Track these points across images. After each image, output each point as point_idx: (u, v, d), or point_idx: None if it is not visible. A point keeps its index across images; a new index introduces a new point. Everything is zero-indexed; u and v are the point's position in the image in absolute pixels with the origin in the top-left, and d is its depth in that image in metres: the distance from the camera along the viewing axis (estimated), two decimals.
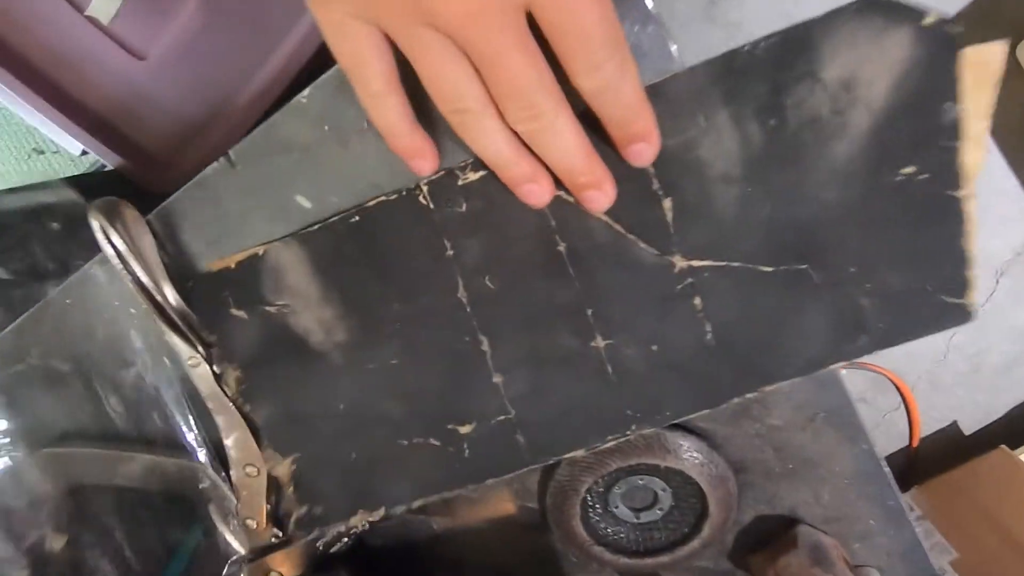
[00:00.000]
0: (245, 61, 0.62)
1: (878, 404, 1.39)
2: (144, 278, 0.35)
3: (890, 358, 1.33)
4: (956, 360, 1.39)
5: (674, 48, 0.31)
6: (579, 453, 0.36)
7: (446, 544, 0.46)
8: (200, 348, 0.37)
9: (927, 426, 1.44)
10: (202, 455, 0.41)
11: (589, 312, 0.34)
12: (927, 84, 0.29)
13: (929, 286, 0.31)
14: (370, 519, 0.38)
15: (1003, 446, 1.22)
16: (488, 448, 0.36)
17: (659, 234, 0.33)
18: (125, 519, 0.39)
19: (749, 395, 0.34)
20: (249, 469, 0.41)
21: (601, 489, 0.42)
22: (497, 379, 0.35)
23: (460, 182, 0.32)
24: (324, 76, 0.32)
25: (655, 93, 0.30)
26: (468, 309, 0.34)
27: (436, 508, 0.45)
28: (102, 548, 0.38)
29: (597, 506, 0.42)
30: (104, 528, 0.38)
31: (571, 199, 0.32)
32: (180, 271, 0.36)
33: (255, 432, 0.37)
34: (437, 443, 0.36)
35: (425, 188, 0.33)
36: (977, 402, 1.40)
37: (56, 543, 0.41)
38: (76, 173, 0.89)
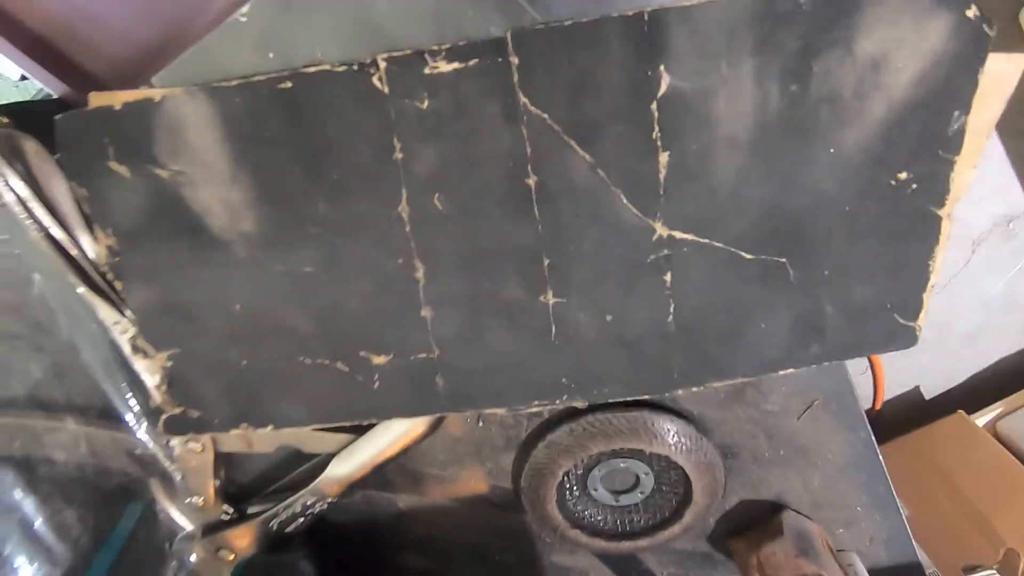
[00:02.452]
0: None
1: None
2: (54, 229, 0.30)
3: None
4: (925, 327, 1.40)
5: None
6: (500, 411, 0.33)
7: (413, 522, 0.43)
8: (128, 311, 0.32)
9: (890, 390, 1.47)
10: (139, 427, 0.37)
11: (546, 262, 0.30)
12: (947, 85, 0.27)
13: (889, 303, 0.31)
14: (253, 433, 0.34)
15: (961, 411, 1.25)
16: (401, 384, 0.32)
17: (647, 192, 0.29)
18: (44, 496, 0.34)
19: (694, 388, 0.33)
20: (193, 445, 0.37)
21: (580, 472, 0.39)
22: (426, 312, 0.31)
23: (428, 70, 0.27)
24: None
25: (685, 18, 0.26)
26: (408, 228, 0.29)
27: (402, 485, 0.42)
28: (15, 528, 0.34)
29: (575, 488, 0.40)
30: (16, 506, 0.34)
31: (557, 127, 0.27)
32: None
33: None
34: (345, 368, 0.32)
35: (383, 66, 0.27)
36: (940, 368, 1.43)
37: None
38: (19, 100, 0.79)
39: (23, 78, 0.60)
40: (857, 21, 0.26)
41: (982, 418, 1.16)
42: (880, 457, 0.38)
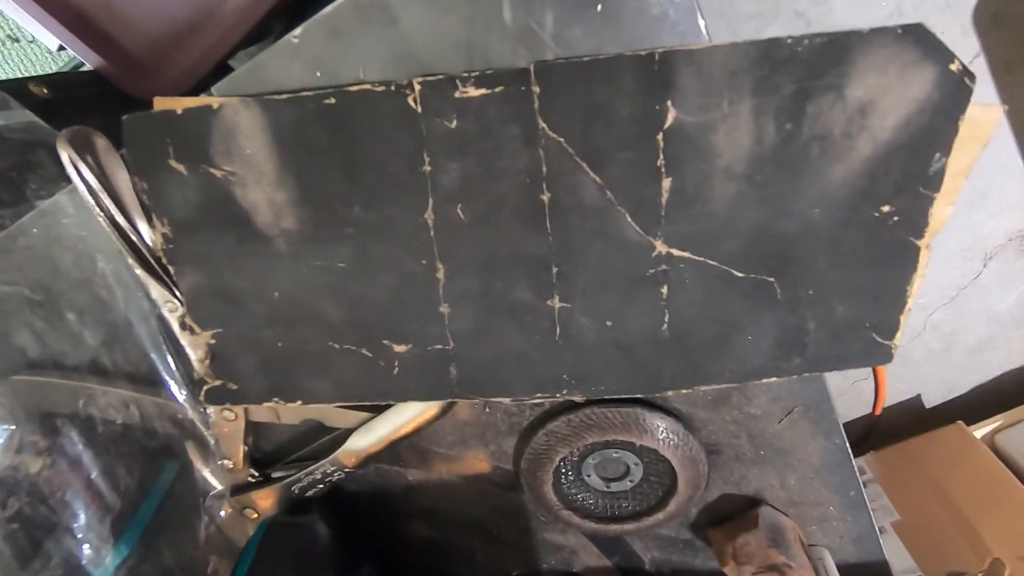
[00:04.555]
0: None
1: (848, 372, 1.42)
2: (117, 216, 0.33)
3: None
4: (931, 338, 1.42)
5: (702, 23, 0.28)
6: (505, 400, 0.36)
7: (420, 494, 0.47)
8: (177, 293, 0.35)
9: (892, 397, 1.49)
10: (180, 394, 0.41)
11: (554, 270, 0.33)
12: (930, 129, 0.29)
13: (868, 323, 0.34)
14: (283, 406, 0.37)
15: (960, 422, 1.27)
16: (418, 371, 0.36)
17: (649, 213, 0.32)
18: (100, 451, 0.39)
19: (683, 391, 0.36)
20: (227, 413, 0.41)
21: (575, 458, 0.42)
22: (444, 309, 0.34)
23: (458, 94, 0.30)
24: (319, 15, 0.29)
25: (691, 60, 0.28)
26: (432, 233, 0.32)
27: (412, 460, 0.45)
28: (77, 477, 0.38)
29: (570, 473, 0.43)
30: (79, 458, 0.38)
31: (571, 150, 0.30)
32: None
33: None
34: (369, 354, 0.35)
35: (417, 88, 0.30)
36: (943, 379, 1.44)
37: (33, 465, 0.42)
38: (54, 70, 0.83)
39: (60, 48, 0.63)
40: (848, 69, 0.28)
41: (981, 430, 1.18)
42: (853, 463, 0.41)
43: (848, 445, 0.40)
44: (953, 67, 0.28)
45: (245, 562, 0.41)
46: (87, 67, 0.58)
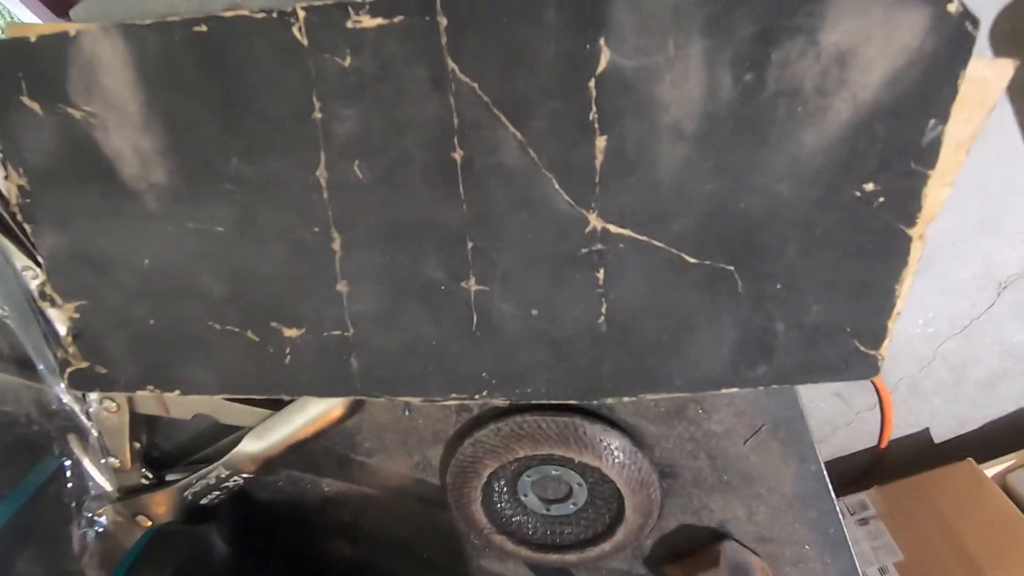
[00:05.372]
0: None
1: (854, 402, 1.36)
2: None
3: None
4: (940, 368, 1.35)
5: None
6: (416, 400, 0.31)
7: (340, 508, 0.41)
8: (41, 258, 0.31)
9: (899, 429, 1.41)
10: (55, 380, 0.35)
11: (470, 245, 0.28)
12: (922, 88, 0.24)
13: (848, 327, 0.28)
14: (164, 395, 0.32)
15: (970, 459, 1.20)
16: (314, 361, 0.30)
17: (581, 179, 0.26)
18: None
19: (625, 399, 0.30)
20: (108, 403, 0.36)
21: (509, 475, 0.37)
22: (342, 287, 0.29)
23: (350, 24, 0.24)
24: None
25: None
26: (325, 194, 0.27)
27: (328, 468, 0.40)
28: None
29: (505, 492, 0.38)
30: None
31: (487, 99, 0.25)
32: None
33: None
34: (255, 338, 0.30)
35: (302, 16, 0.24)
36: (953, 412, 1.37)
37: None
38: None
39: None
40: (822, 8, 0.23)
41: (992, 468, 1.12)
42: (832, 494, 0.35)
43: (825, 473, 0.34)
44: (951, 8, 0.23)
45: (119, 572, 0.35)
46: None
